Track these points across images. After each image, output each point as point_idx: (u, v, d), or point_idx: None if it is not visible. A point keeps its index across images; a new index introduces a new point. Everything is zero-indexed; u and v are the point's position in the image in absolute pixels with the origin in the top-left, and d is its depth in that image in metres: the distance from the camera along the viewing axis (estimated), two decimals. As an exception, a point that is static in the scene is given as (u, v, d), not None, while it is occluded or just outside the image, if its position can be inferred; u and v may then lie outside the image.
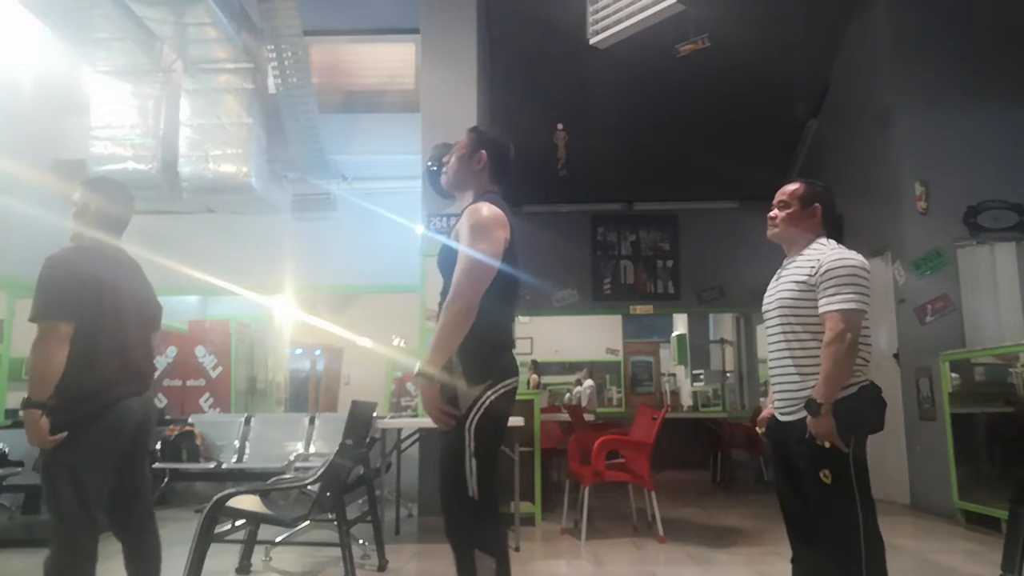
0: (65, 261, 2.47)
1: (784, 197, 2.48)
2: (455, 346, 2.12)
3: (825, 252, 2.32)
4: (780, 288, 2.40)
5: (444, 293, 2.21)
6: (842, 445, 2.17)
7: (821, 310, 2.25)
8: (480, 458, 2.13)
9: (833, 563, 2.22)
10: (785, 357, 2.35)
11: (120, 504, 2.60)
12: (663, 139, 7.56)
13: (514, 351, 2.34)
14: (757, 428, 2.57)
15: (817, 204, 2.43)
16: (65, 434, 2.36)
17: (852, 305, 2.20)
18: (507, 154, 2.43)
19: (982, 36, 5.94)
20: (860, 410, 2.22)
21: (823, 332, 2.23)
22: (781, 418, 2.38)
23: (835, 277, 2.24)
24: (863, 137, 6.71)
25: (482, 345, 2.17)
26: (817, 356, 2.24)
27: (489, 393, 2.15)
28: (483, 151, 2.37)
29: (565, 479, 5.42)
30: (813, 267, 2.30)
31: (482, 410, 2.14)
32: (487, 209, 2.22)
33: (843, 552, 2.18)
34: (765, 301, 2.48)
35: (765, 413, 2.52)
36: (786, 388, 2.34)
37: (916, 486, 5.86)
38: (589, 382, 10.69)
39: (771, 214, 2.50)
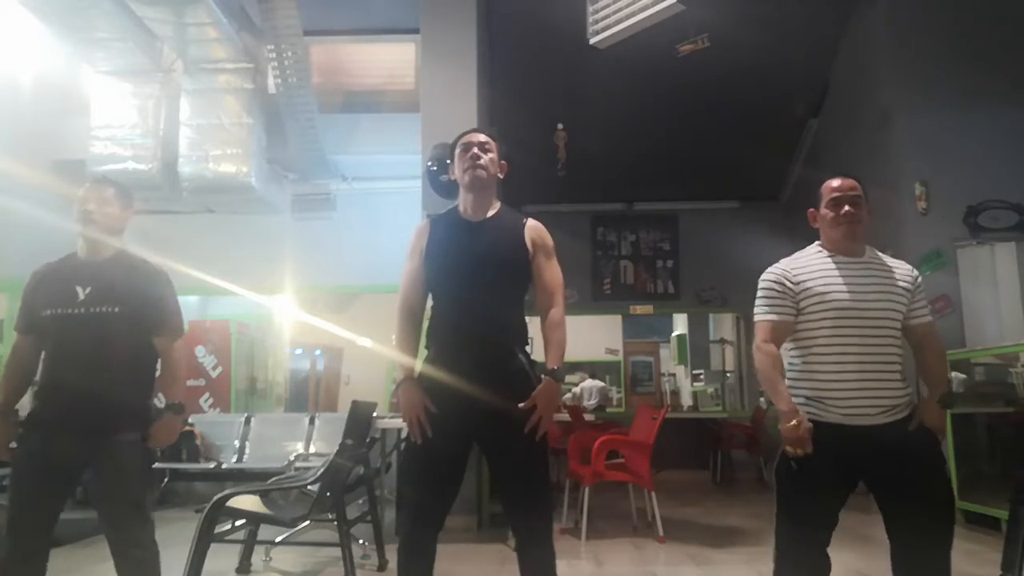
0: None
1: (858, 192, 2.30)
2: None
3: (899, 261, 2.37)
4: (891, 292, 2.29)
5: (492, 284, 2.37)
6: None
7: (926, 319, 2.34)
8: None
9: (945, 548, 2.17)
10: (893, 362, 2.28)
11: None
12: (663, 139, 7.56)
13: None
14: (799, 446, 2.17)
15: None
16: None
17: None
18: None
19: (982, 36, 5.94)
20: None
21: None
22: (873, 421, 2.22)
23: (923, 288, 2.38)
24: (863, 137, 6.70)
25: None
26: (902, 360, 2.32)
27: None
28: (504, 162, 2.50)
29: (565, 479, 5.41)
30: (910, 277, 2.33)
31: None
32: None
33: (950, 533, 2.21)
34: (863, 299, 2.25)
35: (806, 421, 2.19)
36: (889, 390, 2.25)
37: (916, 486, 5.84)
38: (593, 382, 10.56)
39: (850, 210, 2.26)
